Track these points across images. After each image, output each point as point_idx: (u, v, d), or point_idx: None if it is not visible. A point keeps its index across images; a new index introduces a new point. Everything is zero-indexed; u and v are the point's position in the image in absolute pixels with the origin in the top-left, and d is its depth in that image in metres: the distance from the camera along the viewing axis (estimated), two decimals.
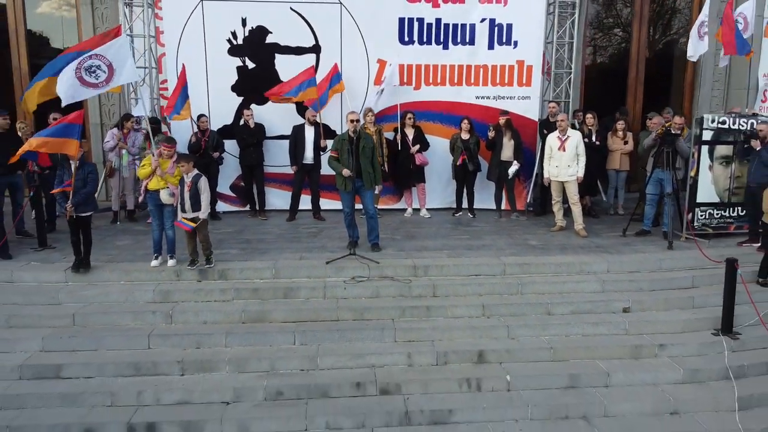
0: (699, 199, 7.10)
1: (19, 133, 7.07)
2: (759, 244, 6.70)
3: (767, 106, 10.09)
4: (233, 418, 4.60)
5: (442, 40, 8.45)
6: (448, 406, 4.73)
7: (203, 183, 5.77)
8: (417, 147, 8.17)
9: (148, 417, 4.56)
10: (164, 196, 5.86)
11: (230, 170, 8.42)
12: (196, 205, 5.72)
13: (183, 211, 5.69)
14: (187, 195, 5.67)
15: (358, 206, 6.61)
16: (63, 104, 6.05)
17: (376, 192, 7.50)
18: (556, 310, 5.74)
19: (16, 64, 9.49)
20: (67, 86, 5.91)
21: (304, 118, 8.14)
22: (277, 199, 8.66)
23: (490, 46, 8.49)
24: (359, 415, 4.64)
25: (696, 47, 7.97)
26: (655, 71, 10.88)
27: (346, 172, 6.19)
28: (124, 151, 7.77)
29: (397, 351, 5.21)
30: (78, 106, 6.27)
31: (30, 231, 7.07)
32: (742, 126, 6.98)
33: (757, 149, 6.72)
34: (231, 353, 5.14)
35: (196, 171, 5.74)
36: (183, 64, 7.60)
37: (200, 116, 7.87)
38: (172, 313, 5.50)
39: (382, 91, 8.26)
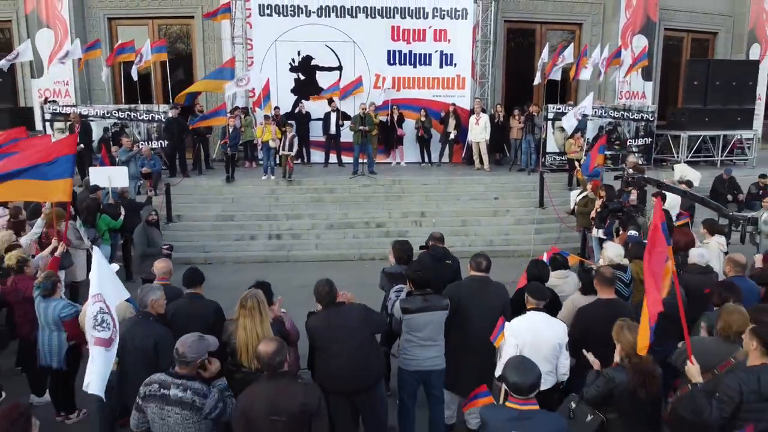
0: (547, 150, 13.20)
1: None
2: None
3: (628, 103, 16.07)
4: (312, 234, 10.72)
5: (412, 63, 14.51)
6: (406, 230, 10.84)
7: (295, 139, 11.90)
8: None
9: (276, 232, 10.67)
10: (272, 144, 11.96)
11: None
12: (290, 148, 11.82)
13: (284, 150, 11.77)
14: (287, 142, 11.77)
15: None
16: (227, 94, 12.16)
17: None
18: (461, 197, 11.86)
19: (158, 79, 15.45)
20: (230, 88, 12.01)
21: (330, 107, 14.11)
22: (316, 156, 14.67)
23: (441, 66, 14.57)
24: (367, 233, 10.75)
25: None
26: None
27: (361, 127, 12.24)
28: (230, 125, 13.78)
29: (384, 212, 11.31)
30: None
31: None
32: (568, 110, 13.07)
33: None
34: (308, 212, 11.24)
35: (294, 131, 11.85)
36: (267, 78, 13.57)
37: (275, 108, 13.86)
38: (278, 197, 11.61)
39: (383, 93, 14.21)
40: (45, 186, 4.99)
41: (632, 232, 6.67)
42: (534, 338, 3.95)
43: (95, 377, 3.59)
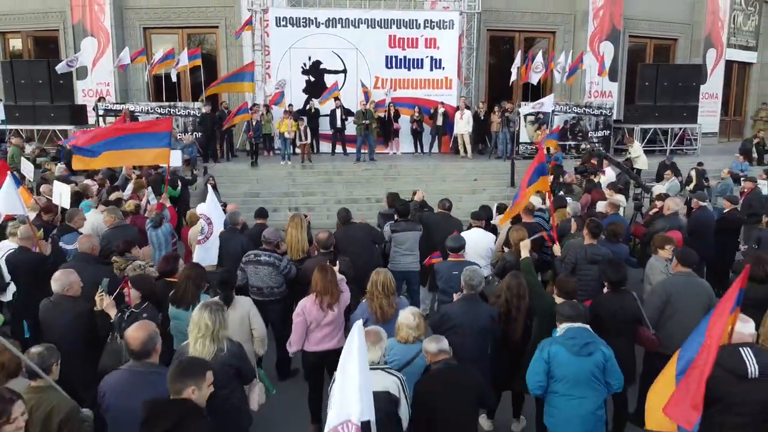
0: (520, 140, 15.61)
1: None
2: None
3: (591, 100, 18.54)
4: (324, 207, 13.12)
5: (406, 66, 16.93)
6: None
7: (307, 129, 14.33)
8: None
9: (294, 205, 13.07)
10: (287, 135, 14.39)
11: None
12: (306, 137, 14.25)
13: (300, 140, 14.20)
14: (302, 133, 14.20)
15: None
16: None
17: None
18: (447, 179, 14.28)
19: (185, 82, 17.90)
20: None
21: (335, 104, 16.49)
22: (324, 146, 17.07)
23: (431, 69, 16.99)
24: (369, 207, 13.15)
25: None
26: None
27: (364, 121, 14.66)
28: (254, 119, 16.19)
29: (382, 190, 13.58)
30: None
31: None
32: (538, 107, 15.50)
33: (542, 116, 15.26)
34: (320, 190, 13.66)
35: (305, 123, 14.28)
36: (282, 80, 15.99)
37: (289, 105, 16.27)
38: (294, 178, 14.04)
39: (387, 93, 16.64)
40: (148, 153, 7.39)
41: (562, 193, 9.11)
42: (474, 242, 6.38)
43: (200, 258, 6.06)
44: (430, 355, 3.50)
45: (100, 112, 14.99)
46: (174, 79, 15.33)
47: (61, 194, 7.62)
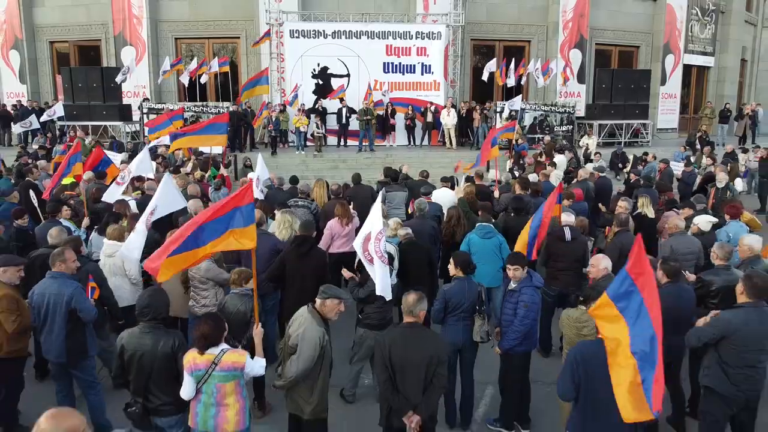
0: None
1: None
2: None
3: (562, 100, 21.43)
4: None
5: (401, 71, 19.84)
6: None
7: (320, 126, 17.27)
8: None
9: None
10: (302, 129, 17.32)
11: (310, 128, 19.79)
12: (322, 128, 17.19)
13: (318, 130, 17.13)
14: (314, 128, 17.13)
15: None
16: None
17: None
18: (434, 165, 17.15)
19: (210, 84, 20.83)
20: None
21: (341, 104, 19.39)
22: (331, 141, 19.99)
23: (422, 74, 19.90)
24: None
25: (485, 77, 19.45)
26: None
27: (366, 117, 17.60)
28: (273, 116, 19.12)
29: (380, 175, 16.64)
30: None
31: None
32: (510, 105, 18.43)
33: (514, 113, 18.18)
34: (329, 175, 16.50)
35: (315, 119, 17.22)
36: (296, 84, 18.92)
37: (302, 104, 19.17)
38: (307, 165, 16.97)
39: (384, 93, 19.57)
40: (212, 138, 10.32)
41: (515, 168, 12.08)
42: (441, 196, 9.30)
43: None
44: (401, 236, 6.45)
45: (144, 110, 17.90)
46: (204, 82, 18.23)
47: None
